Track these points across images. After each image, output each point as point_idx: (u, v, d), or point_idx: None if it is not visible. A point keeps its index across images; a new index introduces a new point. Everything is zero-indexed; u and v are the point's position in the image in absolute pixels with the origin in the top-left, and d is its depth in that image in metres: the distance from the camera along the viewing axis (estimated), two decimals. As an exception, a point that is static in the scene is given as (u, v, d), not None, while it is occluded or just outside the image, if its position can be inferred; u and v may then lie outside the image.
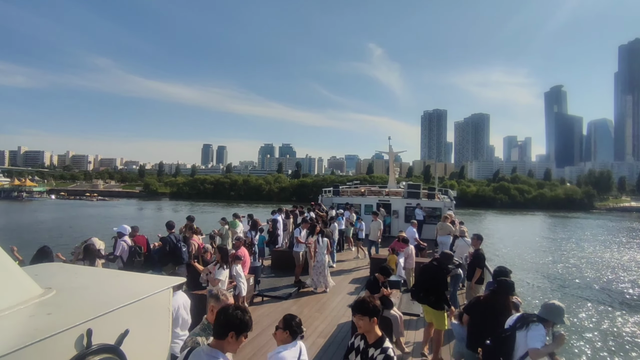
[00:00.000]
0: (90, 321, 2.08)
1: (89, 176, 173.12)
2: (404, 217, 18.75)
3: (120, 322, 2.31)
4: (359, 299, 3.16)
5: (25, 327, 1.95)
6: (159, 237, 8.95)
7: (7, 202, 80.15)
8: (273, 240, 12.17)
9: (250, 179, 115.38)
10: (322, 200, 20.53)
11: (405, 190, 20.38)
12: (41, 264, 4.74)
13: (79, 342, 2.02)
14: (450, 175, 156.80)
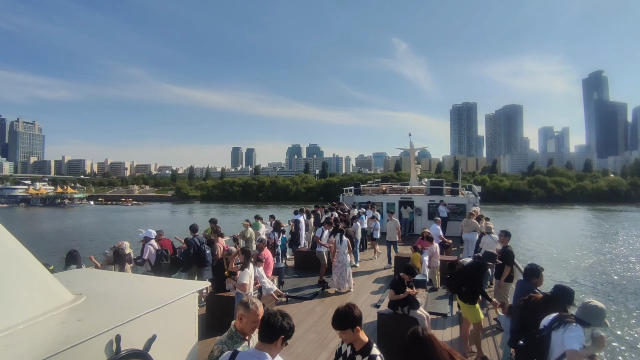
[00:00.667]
0: (119, 327, 2.16)
1: (125, 182, 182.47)
2: (427, 215, 18.38)
3: (148, 327, 2.39)
4: (337, 312, 2.89)
5: (57, 334, 2.04)
6: (179, 239, 9.17)
7: (51, 209, 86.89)
8: (295, 240, 12.25)
9: (277, 180, 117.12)
10: (344, 199, 20.41)
11: (428, 187, 19.95)
12: (72, 270, 5.04)
13: (109, 347, 2.11)
14: (482, 170, 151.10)
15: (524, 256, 22.37)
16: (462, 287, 5.83)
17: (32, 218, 65.91)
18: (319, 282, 9.61)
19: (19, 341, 1.91)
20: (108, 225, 48.04)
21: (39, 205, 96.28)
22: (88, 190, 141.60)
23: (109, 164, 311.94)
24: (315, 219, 13.98)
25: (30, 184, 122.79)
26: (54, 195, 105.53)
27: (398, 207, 19.06)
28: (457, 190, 19.62)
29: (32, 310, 2.17)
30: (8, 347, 1.83)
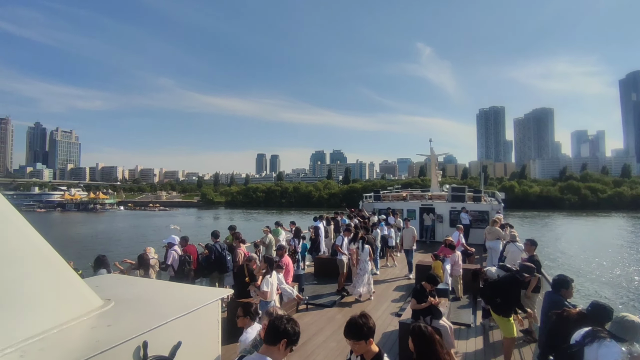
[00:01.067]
0: (146, 333, 2.19)
1: (154, 188, 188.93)
2: (448, 222, 17.96)
3: (173, 333, 2.41)
4: (350, 321, 2.88)
5: (88, 339, 2.09)
6: (201, 245, 9.24)
7: (84, 213, 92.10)
8: (315, 247, 12.22)
9: (300, 186, 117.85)
10: (364, 205, 20.20)
11: (449, 194, 19.42)
12: (100, 275, 5.24)
13: (136, 353, 2.14)
14: (510, 176, 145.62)
15: (553, 266, 21.38)
16: (496, 299, 5.65)
17: (66, 223, 69.44)
18: (339, 289, 9.56)
19: (52, 345, 1.98)
20: (135, 230, 49.88)
21: (74, 210, 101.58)
22: (119, 195, 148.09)
23: (139, 171, 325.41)
24: (335, 225, 13.94)
25: (66, 189, 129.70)
26: (87, 201, 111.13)
27: (419, 213, 18.77)
28: (480, 196, 19.07)
29: (65, 315, 2.23)
30: (43, 350, 1.91)
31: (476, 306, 8.44)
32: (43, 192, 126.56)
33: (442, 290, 7.38)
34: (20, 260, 2.05)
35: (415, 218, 18.57)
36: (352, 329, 2.82)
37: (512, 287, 5.69)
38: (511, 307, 5.57)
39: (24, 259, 2.07)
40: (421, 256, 13.81)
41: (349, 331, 2.83)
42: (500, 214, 16.06)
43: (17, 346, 1.88)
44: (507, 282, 5.76)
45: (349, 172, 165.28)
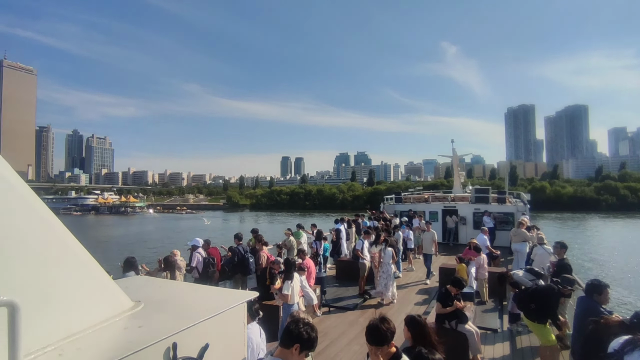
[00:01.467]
0: (175, 335, 2.20)
1: (182, 191, 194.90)
2: (472, 224, 17.47)
3: (201, 335, 2.41)
4: (371, 327, 2.84)
5: (120, 339, 2.12)
6: (224, 248, 9.42)
7: (116, 216, 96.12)
8: (336, 250, 12.21)
9: (324, 189, 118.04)
10: (385, 207, 19.98)
11: (473, 195, 18.86)
12: (129, 277, 5.36)
13: (166, 355, 2.15)
14: (541, 176, 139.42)
15: (584, 273, 20.27)
16: (530, 305, 5.45)
17: (98, 225, 72.82)
18: (361, 292, 9.51)
19: (88, 345, 2.04)
20: (161, 232, 51.26)
21: (106, 213, 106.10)
22: (148, 199, 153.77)
23: (168, 175, 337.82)
24: (356, 228, 13.89)
25: (100, 194, 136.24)
26: (118, 204, 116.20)
27: (442, 215, 18.41)
28: (504, 198, 18.50)
29: (98, 316, 2.29)
30: (80, 350, 1.97)
31: (503, 310, 8.22)
32: (79, 196, 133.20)
33: (467, 294, 7.20)
34: (57, 262, 2.13)
35: (437, 220, 18.24)
36: (375, 334, 2.79)
37: (551, 297, 5.46)
38: (546, 315, 5.35)
39: (60, 261, 2.15)
40: (444, 259, 13.52)
41: (372, 337, 2.80)
42: (526, 215, 15.53)
43: (56, 345, 1.97)
44: (546, 291, 5.53)
45: (373, 174, 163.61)
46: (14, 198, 1.93)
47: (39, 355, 1.86)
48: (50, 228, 2.11)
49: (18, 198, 1.96)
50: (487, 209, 16.90)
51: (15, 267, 1.86)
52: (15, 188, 1.96)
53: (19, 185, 1.99)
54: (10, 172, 1.97)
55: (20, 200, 1.97)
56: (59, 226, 2.16)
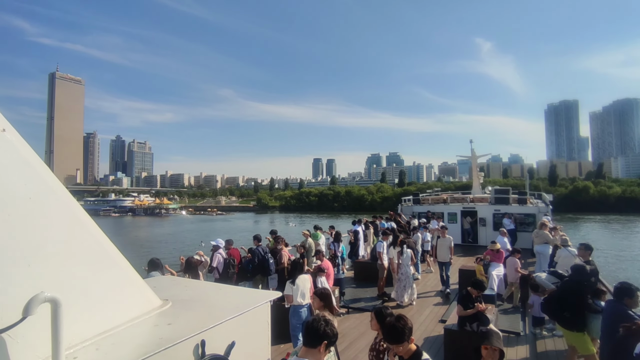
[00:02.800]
0: (203, 332, 2.27)
1: (215, 193, 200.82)
2: (492, 225, 17.04)
3: (228, 333, 2.47)
4: (388, 326, 2.95)
5: (152, 336, 2.21)
6: (244, 249, 9.52)
7: (150, 218, 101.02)
8: (354, 251, 12.17)
9: (352, 190, 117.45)
10: (402, 209, 19.79)
11: (492, 196, 18.39)
12: (156, 277, 5.50)
13: (195, 351, 2.22)
14: (585, 175, 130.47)
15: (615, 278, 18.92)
16: (564, 313, 5.22)
17: (132, 226, 76.50)
18: (379, 294, 9.50)
19: (122, 341, 2.14)
20: (189, 233, 52.68)
21: (142, 215, 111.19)
22: (182, 201, 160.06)
23: (203, 177, 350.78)
24: (374, 229, 13.82)
25: (137, 196, 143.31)
26: (153, 206, 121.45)
27: (460, 217, 18.08)
28: (525, 199, 17.86)
29: (130, 313, 2.41)
30: (115, 345, 2.09)
31: (526, 313, 8.01)
32: (118, 199, 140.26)
33: (488, 296, 7.12)
34: (93, 262, 2.24)
35: (456, 221, 17.97)
36: (393, 333, 2.85)
37: (579, 296, 5.22)
38: (583, 320, 5.08)
39: (96, 261, 2.27)
40: (464, 260, 13.27)
41: (390, 336, 2.86)
42: (548, 216, 15.02)
43: (93, 340, 2.10)
44: (572, 291, 5.29)
45: (404, 174, 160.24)
46: (55, 202, 2.07)
47: (78, 349, 1.99)
48: (87, 230, 2.25)
49: (58, 201, 2.10)
50: (507, 211, 16.57)
51: (56, 265, 2.00)
52: (55, 192, 2.09)
53: (59, 189, 2.12)
54: (52, 177, 2.10)
55: (61, 203, 2.11)
56: (94, 228, 2.32)
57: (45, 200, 2.03)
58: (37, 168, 2.02)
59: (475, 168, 24.60)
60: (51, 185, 2.09)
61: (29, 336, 1.80)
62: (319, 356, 2.56)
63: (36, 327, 1.80)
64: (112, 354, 1.97)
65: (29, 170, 1.97)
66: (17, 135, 1.98)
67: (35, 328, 1.80)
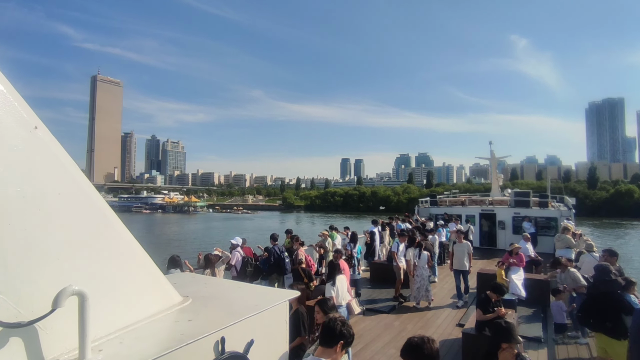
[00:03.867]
0: (224, 329, 2.28)
1: (242, 192, 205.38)
2: (511, 228, 16.68)
3: (247, 331, 2.48)
4: (412, 342, 2.60)
5: (173, 331, 2.22)
6: (260, 248, 9.60)
7: (179, 215, 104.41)
8: (370, 252, 12.10)
9: (378, 190, 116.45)
10: (419, 211, 19.59)
11: (512, 199, 17.96)
12: (176, 273, 5.63)
13: (215, 348, 2.22)
14: (631, 178, 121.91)
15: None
16: (605, 323, 5.03)
17: (161, 222, 78.93)
18: (396, 296, 9.43)
19: (145, 335, 2.18)
20: (211, 231, 53.90)
21: (171, 212, 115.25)
22: (210, 199, 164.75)
23: (232, 176, 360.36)
24: (390, 230, 13.73)
25: (167, 193, 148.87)
26: (182, 204, 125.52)
27: (479, 219, 17.76)
28: (546, 202, 17.36)
29: (152, 309, 2.43)
30: (138, 339, 2.12)
31: (546, 319, 7.79)
32: (149, 196, 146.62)
33: (509, 301, 6.95)
34: (117, 258, 2.28)
35: (474, 224, 17.59)
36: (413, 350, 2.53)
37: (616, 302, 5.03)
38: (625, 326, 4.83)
39: (120, 256, 2.31)
40: (483, 263, 13.07)
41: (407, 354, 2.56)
42: (571, 220, 14.58)
43: (117, 333, 2.12)
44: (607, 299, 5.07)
45: (432, 175, 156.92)
46: (82, 198, 2.12)
47: (103, 342, 2.02)
48: (112, 226, 2.28)
49: (86, 198, 2.14)
50: (528, 214, 16.16)
51: (83, 260, 2.05)
52: (83, 189, 2.14)
53: (87, 186, 2.17)
54: (80, 174, 2.16)
55: (88, 200, 2.15)
56: (119, 225, 2.33)
57: (74, 197, 2.08)
58: (67, 165, 2.08)
59: (494, 170, 24.10)
60: (79, 182, 2.14)
61: (58, 327, 1.87)
62: (335, 356, 2.56)
63: (64, 319, 1.86)
64: (135, 348, 2.00)
65: (59, 167, 2.03)
66: (49, 133, 2.02)
67: (64, 320, 1.86)
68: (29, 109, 1.93)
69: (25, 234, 1.82)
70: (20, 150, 1.85)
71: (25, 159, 1.87)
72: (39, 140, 1.94)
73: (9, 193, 1.78)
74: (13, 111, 1.84)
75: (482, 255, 15.36)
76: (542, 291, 8.77)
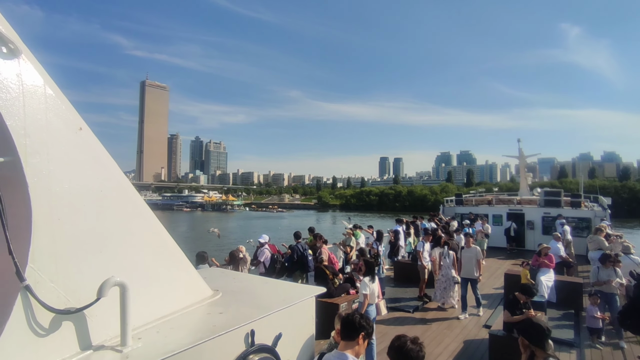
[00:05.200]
0: (253, 322, 2.39)
1: (280, 191, 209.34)
2: (541, 229, 16.04)
3: (275, 325, 2.60)
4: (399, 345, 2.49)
5: (206, 323, 2.36)
6: (285, 245, 9.76)
7: (217, 213, 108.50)
8: (394, 251, 12.02)
9: (415, 189, 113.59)
10: (444, 210, 19.16)
11: (542, 198, 17.24)
12: (207, 268, 5.91)
13: (245, 340, 2.34)
14: None
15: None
16: None
17: (198, 220, 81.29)
18: (420, 295, 9.36)
19: (179, 325, 2.30)
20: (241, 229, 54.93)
21: (210, 210, 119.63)
22: (248, 197, 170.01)
23: (271, 175, 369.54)
24: (415, 229, 13.61)
25: (206, 192, 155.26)
26: (220, 202, 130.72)
27: (506, 219, 17.15)
28: (579, 202, 16.55)
29: (186, 301, 2.57)
30: (173, 329, 2.24)
31: (579, 322, 7.52)
32: (190, 195, 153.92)
33: (538, 302, 6.76)
34: (154, 253, 2.43)
35: (501, 224, 17.10)
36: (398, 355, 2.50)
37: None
38: None
39: (157, 251, 2.46)
40: (509, 264, 12.88)
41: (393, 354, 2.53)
42: (606, 221, 13.79)
43: (154, 324, 2.28)
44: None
45: (472, 174, 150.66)
46: (122, 196, 2.29)
47: (142, 331, 2.18)
48: (149, 222, 2.46)
49: (125, 196, 2.31)
50: (561, 214, 15.36)
51: (123, 254, 2.22)
52: (123, 187, 2.30)
53: (126, 184, 2.33)
54: (120, 173, 2.31)
55: (127, 197, 2.32)
56: (155, 221, 2.50)
57: (114, 194, 2.22)
58: (108, 164, 2.23)
59: (523, 168, 23.31)
60: (119, 181, 2.28)
61: (102, 316, 2.05)
62: (358, 348, 2.62)
63: (108, 309, 2.03)
64: (171, 337, 2.12)
65: (100, 166, 2.18)
66: (91, 133, 2.16)
67: (107, 309, 2.03)
68: (75, 111, 2.08)
69: (73, 228, 1.99)
70: (67, 149, 2.01)
71: (71, 158, 2.03)
72: (83, 140, 2.11)
73: (57, 190, 1.93)
74: (61, 113, 1.99)
75: (508, 256, 15.11)
76: (575, 293, 8.48)
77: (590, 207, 17.24)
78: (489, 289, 10.40)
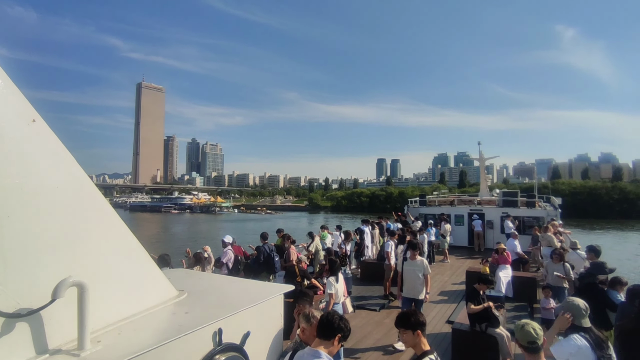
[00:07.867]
0: (220, 321, 2.35)
1: (272, 193, 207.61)
2: (499, 228, 16.95)
3: (243, 323, 2.57)
4: (402, 312, 3.12)
5: (171, 323, 2.30)
6: (251, 247, 9.70)
7: (205, 215, 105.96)
8: (360, 251, 12.25)
9: (406, 191, 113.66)
10: (409, 210, 19.76)
11: (500, 199, 18.33)
12: (172, 269, 5.76)
13: (213, 339, 2.29)
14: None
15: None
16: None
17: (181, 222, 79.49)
18: (386, 294, 9.58)
19: (143, 326, 2.23)
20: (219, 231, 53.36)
21: (198, 212, 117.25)
22: (240, 199, 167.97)
23: (267, 177, 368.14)
24: (380, 229, 13.95)
25: (196, 194, 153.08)
26: (209, 204, 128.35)
27: (467, 219, 18.15)
28: (533, 202, 17.69)
29: (150, 302, 2.49)
30: (136, 331, 2.17)
31: (532, 314, 7.98)
32: (179, 197, 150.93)
33: (496, 297, 7.08)
34: (116, 253, 2.34)
35: (463, 224, 18.14)
36: (401, 318, 3.02)
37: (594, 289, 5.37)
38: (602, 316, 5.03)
39: (119, 251, 2.38)
40: (470, 263, 13.51)
41: (398, 320, 3.03)
42: (557, 220, 14.74)
43: (115, 325, 2.19)
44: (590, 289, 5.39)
45: (464, 175, 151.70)
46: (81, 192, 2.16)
47: (102, 333, 2.08)
48: (111, 221, 2.36)
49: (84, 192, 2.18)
50: (516, 214, 16.58)
51: (81, 253, 2.09)
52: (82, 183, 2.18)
53: (85, 181, 2.21)
54: (78, 169, 2.18)
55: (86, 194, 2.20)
56: (118, 220, 2.41)
57: (72, 190, 2.09)
58: (65, 159, 2.09)
59: (482, 170, 24.08)
60: (78, 177, 2.15)
61: (58, 318, 1.92)
62: (332, 348, 2.66)
63: (64, 310, 1.92)
64: (133, 339, 2.05)
65: (57, 160, 2.04)
66: (46, 126, 2.00)
67: (63, 311, 1.92)
68: (27, 103, 1.93)
69: (24, 226, 1.83)
70: (18, 142, 1.85)
71: (23, 152, 1.87)
72: (37, 133, 1.94)
73: (7, 185, 1.77)
74: (10, 104, 1.84)
75: (470, 254, 16.05)
76: (529, 287, 9.01)
77: (544, 207, 18.29)
78: (451, 285, 10.95)
